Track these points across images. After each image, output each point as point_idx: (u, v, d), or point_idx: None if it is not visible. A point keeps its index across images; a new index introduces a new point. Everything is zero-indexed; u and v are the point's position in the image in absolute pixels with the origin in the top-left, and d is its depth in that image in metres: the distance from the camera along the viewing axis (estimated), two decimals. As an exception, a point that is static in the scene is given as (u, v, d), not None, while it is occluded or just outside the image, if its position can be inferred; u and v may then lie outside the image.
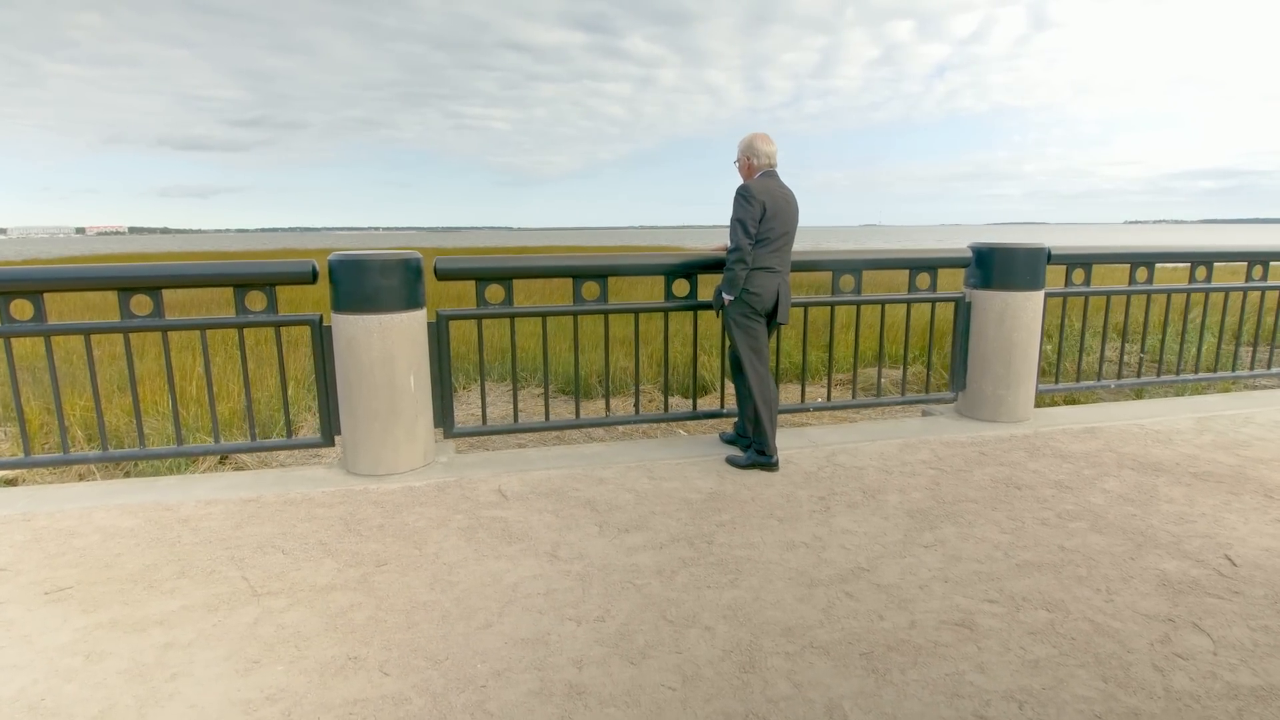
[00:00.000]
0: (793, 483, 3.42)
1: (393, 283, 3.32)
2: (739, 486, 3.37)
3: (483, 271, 3.59)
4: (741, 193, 3.36)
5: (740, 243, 3.32)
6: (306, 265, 3.40)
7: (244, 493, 3.30)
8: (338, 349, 3.39)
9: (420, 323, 3.48)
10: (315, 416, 4.31)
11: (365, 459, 3.45)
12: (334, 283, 3.32)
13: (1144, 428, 4.29)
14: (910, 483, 3.41)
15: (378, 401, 3.38)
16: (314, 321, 3.46)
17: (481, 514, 3.06)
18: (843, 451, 3.87)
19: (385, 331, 3.33)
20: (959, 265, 4.28)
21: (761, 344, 3.50)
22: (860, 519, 3.02)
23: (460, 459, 3.73)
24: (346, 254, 3.30)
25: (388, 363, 3.36)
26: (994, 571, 2.58)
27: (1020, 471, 3.55)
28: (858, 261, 4.06)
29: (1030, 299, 4.20)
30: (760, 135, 3.47)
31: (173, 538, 2.86)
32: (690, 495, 3.27)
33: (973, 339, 4.33)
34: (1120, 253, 4.54)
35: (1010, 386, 4.27)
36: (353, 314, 3.31)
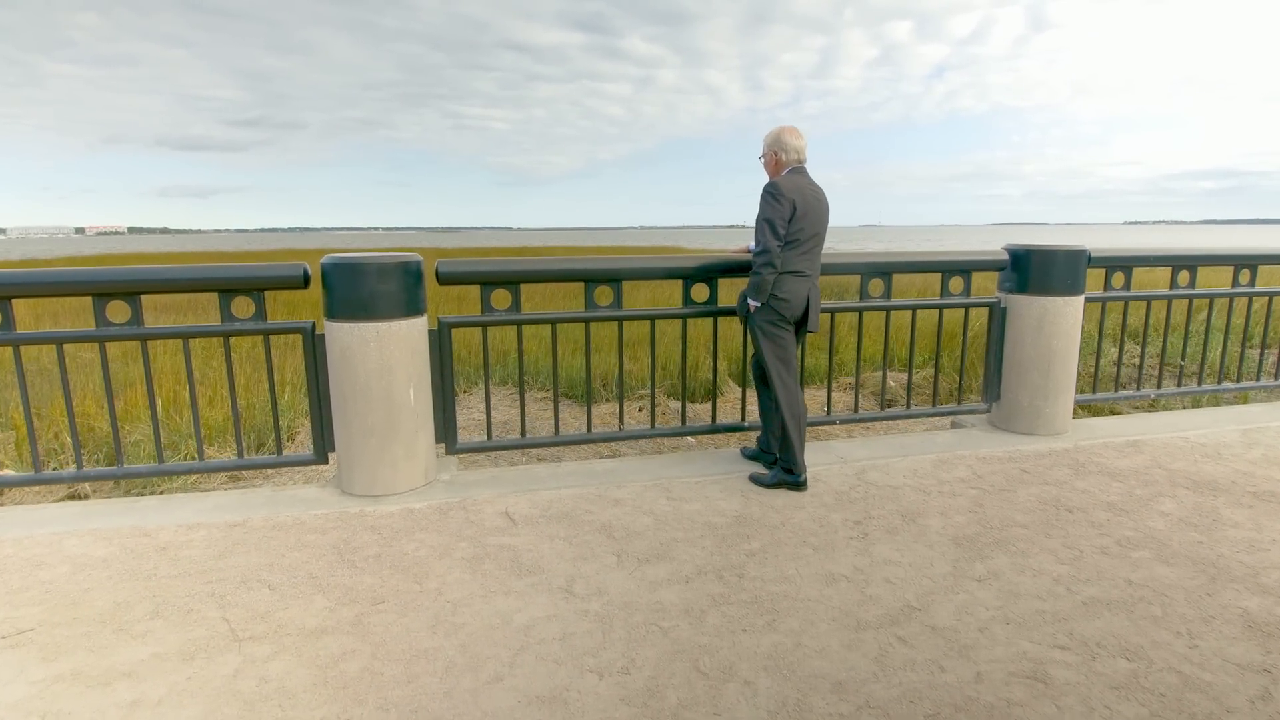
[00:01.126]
0: (824, 504, 3.16)
1: (391, 288, 3.06)
2: (766, 509, 3.11)
3: (488, 276, 3.33)
4: (769, 190, 3.10)
5: (768, 244, 3.06)
6: (297, 269, 3.14)
7: (230, 515, 3.04)
8: (331, 359, 3.13)
9: (421, 331, 3.22)
10: (310, 425, 4.04)
11: (361, 478, 3.19)
12: (327, 288, 3.06)
13: (1189, 441, 4.03)
14: (951, 504, 3.15)
15: (374, 416, 3.12)
16: (306, 329, 3.20)
17: (487, 541, 2.79)
18: (873, 468, 3.61)
19: (383, 341, 3.07)
20: (994, 268, 4.02)
21: (790, 354, 3.24)
22: (902, 547, 2.76)
23: (463, 477, 3.47)
24: (341, 256, 3.04)
25: (386, 374, 3.10)
26: (1059, 611, 2.32)
27: (1068, 491, 3.29)
28: (889, 265, 3.80)
29: (1070, 304, 3.94)
30: (789, 128, 3.21)
31: (149, 569, 2.60)
32: (714, 519, 3.01)
33: (1008, 347, 4.07)
34: (1162, 255, 4.28)
35: (1048, 397, 4.02)
36: (348, 322, 3.05)
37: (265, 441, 5.19)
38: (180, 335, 3.17)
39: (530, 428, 4.47)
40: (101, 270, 3.02)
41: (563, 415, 5.76)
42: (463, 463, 4.15)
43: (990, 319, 4.08)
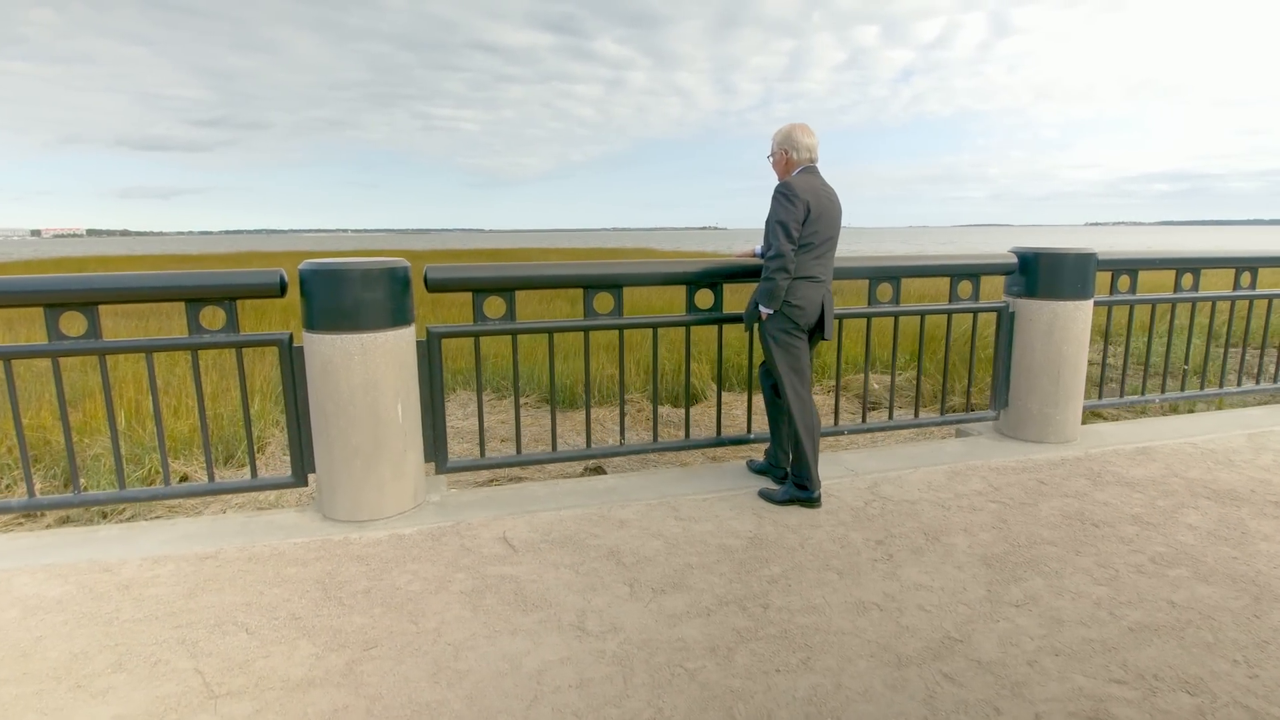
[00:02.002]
0: (841, 522, 3.00)
1: (377, 296, 2.83)
2: (782, 529, 2.94)
3: (481, 282, 3.11)
4: (782, 191, 2.93)
5: (782, 248, 2.89)
6: (273, 276, 2.89)
7: (200, 546, 2.78)
8: (311, 374, 2.88)
9: (409, 342, 2.99)
10: (287, 441, 3.79)
11: (344, 502, 2.94)
12: (306, 296, 2.82)
13: (1198, 447, 3.96)
14: (973, 520, 3.01)
15: (359, 435, 2.87)
16: (282, 341, 2.95)
17: (487, 571, 2.57)
18: (886, 481, 3.46)
19: (368, 354, 2.83)
20: (1002, 272, 3.90)
21: (804, 364, 3.07)
22: (931, 569, 2.60)
23: (455, 498, 3.24)
24: (321, 262, 2.79)
25: (371, 390, 2.86)
26: (1107, 639, 2.18)
27: (1090, 504, 3.17)
28: (897, 269, 3.66)
29: (1080, 309, 3.84)
30: (800, 126, 3.05)
31: (110, 612, 2.34)
32: (728, 541, 2.82)
33: (1017, 352, 3.96)
34: (1168, 258, 4.21)
35: (1058, 404, 3.91)
36: (329, 333, 2.80)
37: (235, 452, 4.90)
38: (143, 349, 2.90)
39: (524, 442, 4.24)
40: (54, 279, 2.74)
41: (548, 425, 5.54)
42: (452, 481, 3.91)
43: (998, 324, 3.97)
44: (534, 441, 5.00)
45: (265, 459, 4.88)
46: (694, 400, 6.89)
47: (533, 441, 4.99)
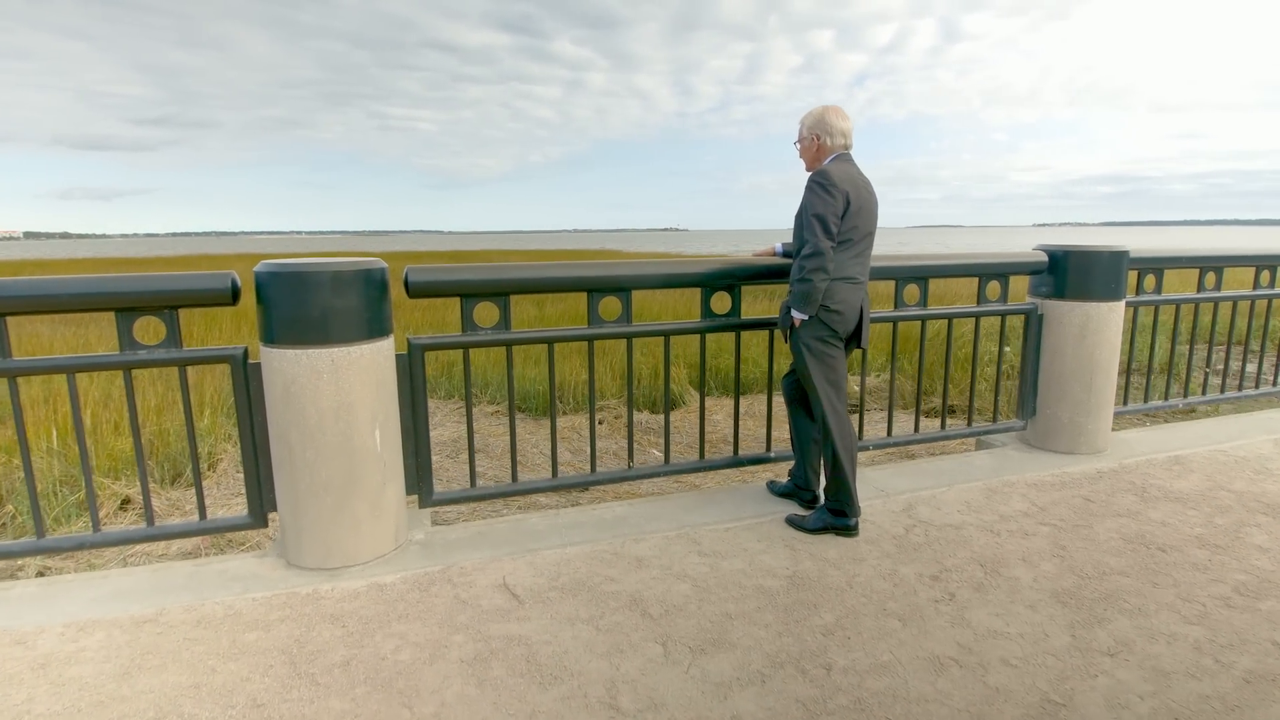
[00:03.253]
0: (885, 553, 2.67)
1: (349, 303, 2.39)
2: (822, 564, 2.59)
3: (472, 286, 2.69)
4: (819, 181, 2.58)
5: (820, 245, 2.54)
6: (223, 280, 2.43)
7: (138, 606, 2.30)
8: (271, 396, 2.43)
9: (387, 357, 2.55)
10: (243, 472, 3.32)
11: (313, 547, 2.49)
12: (264, 304, 2.37)
13: (1229, 455, 3.75)
14: (1029, 548, 2.71)
15: (330, 467, 2.43)
16: (236, 358, 2.49)
17: (490, 631, 2.16)
18: (921, 502, 3.14)
19: (340, 371, 2.39)
20: (1030, 271, 3.63)
21: (841, 375, 2.73)
22: (1000, 610, 2.28)
23: (442, 536, 2.81)
24: (282, 264, 2.35)
25: (344, 414, 2.42)
26: (1224, 694, 1.88)
27: (1147, 525, 2.90)
28: (927, 268, 3.35)
29: (1114, 310, 3.59)
30: (833, 108, 2.71)
31: (20, 704, 1.86)
32: (765, 581, 2.46)
33: (1046, 357, 3.69)
34: (1195, 256, 4.01)
35: (1090, 413, 3.66)
36: (292, 347, 2.36)
37: (184, 470, 4.38)
38: (63, 369, 2.41)
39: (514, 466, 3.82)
40: (-53, 285, 2.23)
41: (534, 439, 5.13)
42: (436, 515, 3.47)
43: (1026, 327, 3.70)
44: (524, 465, 4.58)
45: (216, 478, 4.38)
46: (673, 407, 6.56)
47: (525, 466, 4.58)
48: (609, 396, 6.95)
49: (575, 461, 4.70)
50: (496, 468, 4.69)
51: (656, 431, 5.60)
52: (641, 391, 6.72)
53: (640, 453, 5.25)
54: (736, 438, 3.27)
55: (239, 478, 4.56)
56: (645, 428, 5.73)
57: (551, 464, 2.97)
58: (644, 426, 5.70)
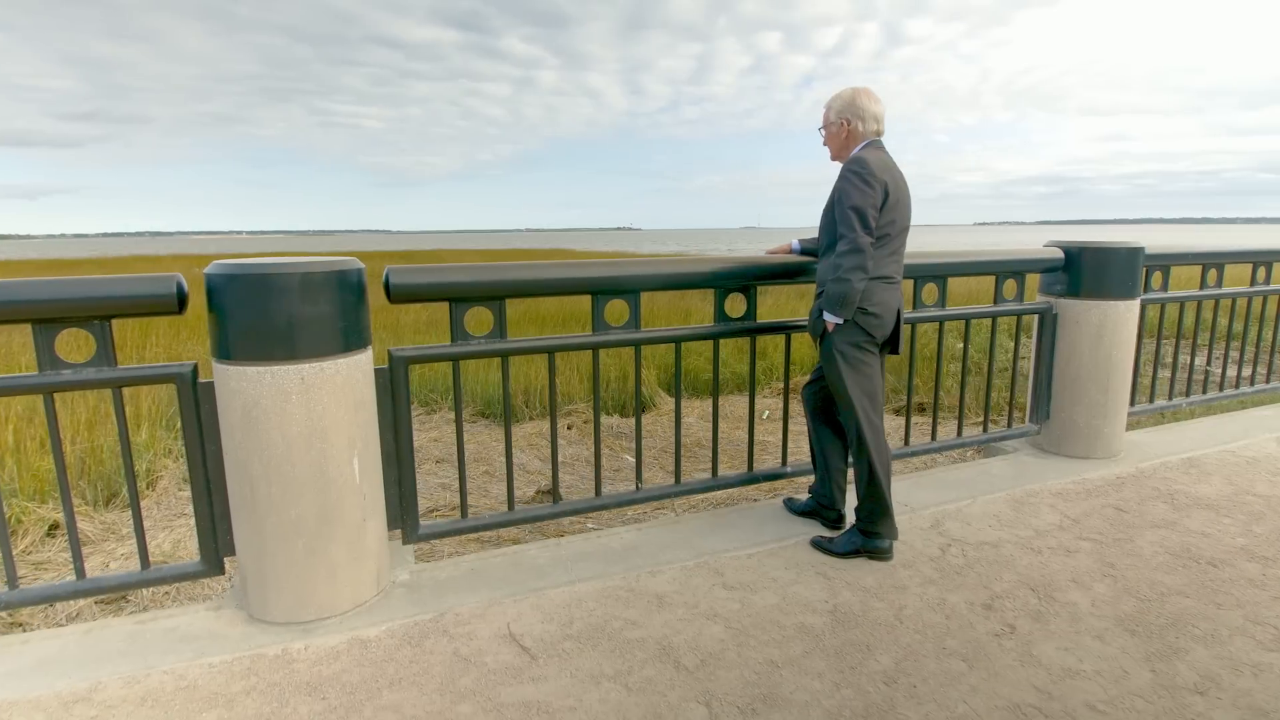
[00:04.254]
0: (926, 578, 2.43)
1: (322, 309, 2.03)
2: (863, 595, 2.33)
3: (463, 289, 2.35)
4: (855, 170, 2.33)
5: (860, 241, 2.28)
6: (166, 284, 2.03)
7: (65, 680, 1.90)
8: (228, 422, 2.05)
9: (365, 372, 2.19)
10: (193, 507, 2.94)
11: (282, 597, 2.12)
12: (219, 312, 1.98)
13: (1238, 455, 3.66)
14: (1075, 567, 2.51)
15: (301, 504, 2.06)
16: (183, 377, 2.09)
17: (502, 696, 1.83)
18: (947, 516, 2.93)
19: (312, 391, 2.03)
20: (1046, 269, 3.47)
21: (877, 385, 2.48)
22: (1068, 643, 2.06)
23: (430, 575, 2.45)
24: (239, 264, 1.97)
25: (317, 440, 2.05)
26: (1338, 740, 1.69)
27: (1187, 536, 2.74)
28: (945, 266, 3.14)
29: (1131, 309, 3.45)
30: (864, 90, 2.46)
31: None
32: (805, 619, 2.19)
33: (1060, 359, 3.53)
34: (1199, 252, 3.92)
35: (1107, 416, 3.51)
36: (254, 364, 1.98)
37: (119, 492, 3.91)
38: (-35, 394, 1.98)
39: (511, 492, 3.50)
40: None
41: (499, 448, 4.78)
42: (421, 551, 3.09)
43: (1040, 327, 3.53)
44: (492, 476, 4.22)
45: (156, 496, 3.92)
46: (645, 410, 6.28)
47: (496, 477, 4.22)
48: (575, 400, 6.64)
49: (556, 476, 4.37)
50: (470, 485, 4.33)
51: (627, 436, 5.32)
52: (610, 394, 6.41)
53: (614, 458, 4.95)
54: (751, 453, 3.00)
55: (182, 496, 4.12)
56: (616, 432, 5.44)
57: (552, 487, 2.64)
58: (614, 431, 5.41)
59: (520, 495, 4.32)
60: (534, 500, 4.16)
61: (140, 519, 2.17)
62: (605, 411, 5.96)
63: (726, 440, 5.11)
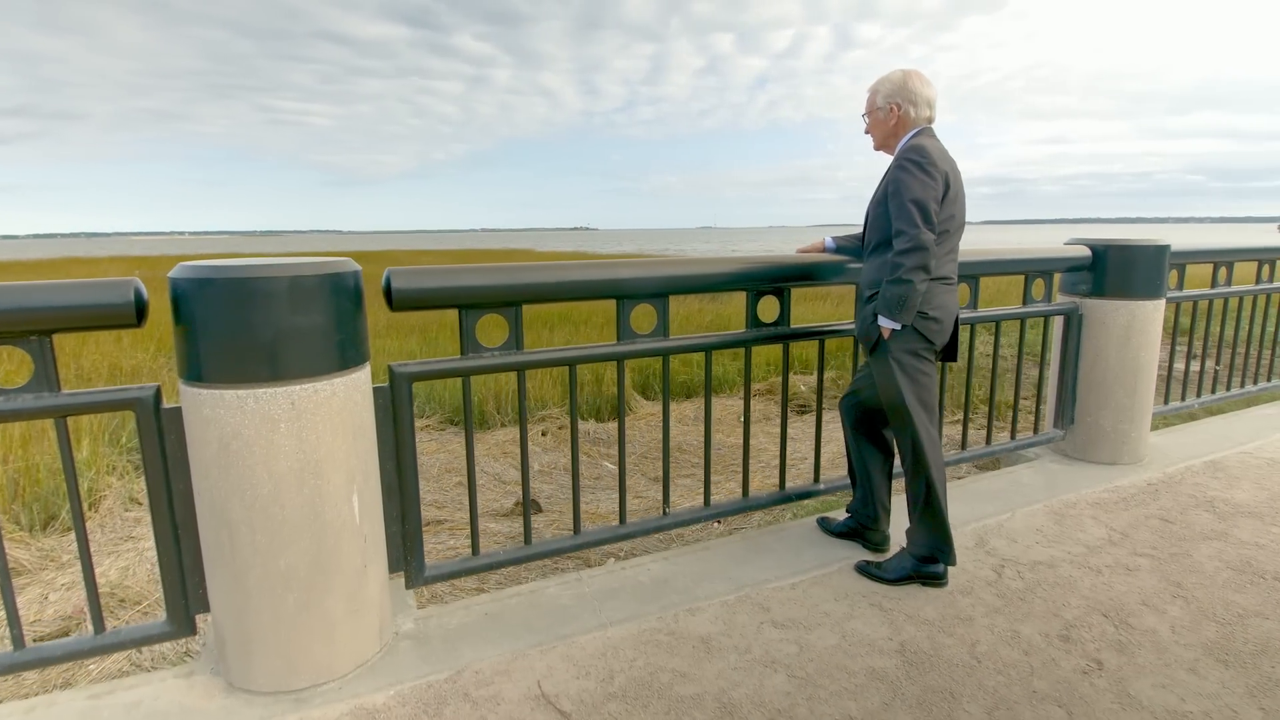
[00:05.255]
0: (990, 607, 2.22)
1: (316, 319, 1.70)
2: (927, 628, 2.11)
3: (475, 294, 2.04)
4: (914, 159, 2.10)
5: (923, 238, 2.05)
6: (121, 291, 1.68)
7: (-5, 780, 1.54)
8: (202, 456, 1.70)
9: (364, 392, 1.87)
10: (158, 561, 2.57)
11: (269, 662, 1.78)
12: (188, 325, 1.64)
13: (1257, 457, 3.58)
14: (1141, 587, 2.33)
15: (293, 552, 1.73)
16: (143, 402, 1.74)
17: (547, 779, 1.54)
18: (990, 532, 2.74)
19: (305, 417, 1.70)
20: (1073, 267, 3.32)
21: (934, 396, 2.26)
22: (1164, 681, 1.87)
23: (438, 622, 2.14)
24: (214, 266, 1.63)
25: (311, 476, 1.73)
26: None
27: (1242, 548, 2.60)
28: (976, 264, 2.95)
29: (1157, 309, 3.33)
30: (915, 73, 2.24)
31: None
32: (874, 661, 1.95)
33: (1086, 361, 3.39)
34: (1210, 250, 3.84)
35: (1134, 420, 3.38)
36: (233, 386, 1.65)
37: (58, 514, 3.50)
38: None
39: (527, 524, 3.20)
40: None
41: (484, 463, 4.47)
42: (421, 597, 2.75)
43: (1066, 328, 3.38)
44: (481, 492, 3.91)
45: (100, 519, 3.53)
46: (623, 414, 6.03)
47: (482, 492, 3.91)
48: (549, 404, 6.32)
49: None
50: (444, 498, 4.01)
51: (604, 442, 5.06)
52: (584, 399, 6.11)
53: (593, 465, 4.68)
54: (783, 470, 2.76)
55: (129, 517, 3.70)
56: (592, 438, 5.17)
57: (573, 516, 2.35)
58: (590, 437, 5.14)
59: (499, 508, 4.01)
60: (513, 512, 3.86)
61: (92, 574, 1.80)
62: (580, 416, 5.69)
63: (720, 447, 4.89)
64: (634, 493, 4.22)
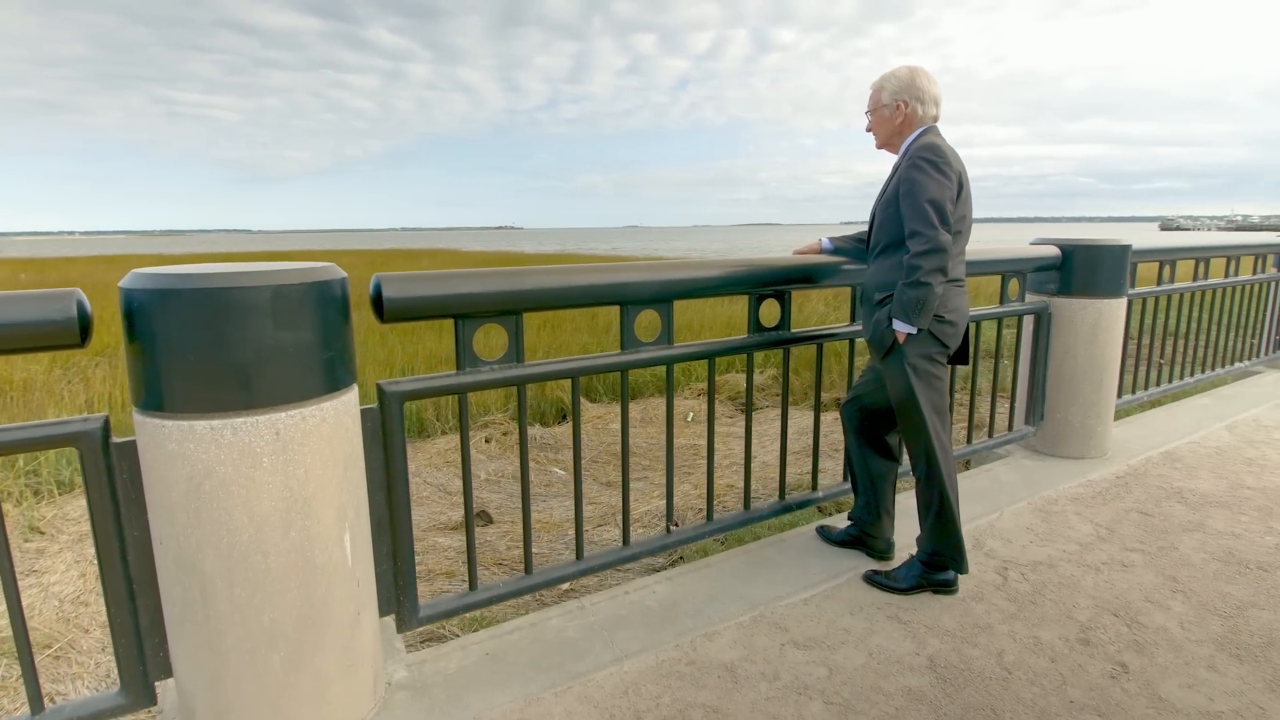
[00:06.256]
0: (1004, 613, 2.19)
1: (303, 334, 1.47)
2: (951, 640, 2.05)
3: (472, 302, 1.84)
4: (930, 159, 2.04)
5: (940, 239, 1.99)
6: (61, 305, 1.40)
7: None
8: (164, 499, 1.45)
9: (354, 415, 1.65)
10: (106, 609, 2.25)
11: (249, 731, 1.54)
12: (143, 342, 1.39)
13: (1205, 447, 3.76)
14: (1141, 583, 2.36)
15: (278, 606, 1.50)
16: (89, 436, 1.46)
17: (594, 847, 1.38)
18: (983, 533, 2.74)
19: (290, 449, 1.47)
20: (1044, 267, 3.38)
21: (946, 401, 2.21)
22: (1188, 680, 1.87)
23: (434, 666, 1.92)
24: (179, 275, 1.38)
25: (298, 516, 1.50)
26: None
27: (1221, 538, 2.69)
28: (963, 265, 2.94)
29: (1120, 307, 3.44)
30: (921, 71, 2.18)
31: None
32: (907, 680, 1.88)
33: (1055, 358, 3.47)
34: (1155, 249, 4.01)
35: (1100, 415, 3.48)
36: (205, 416, 1.40)
37: None
38: None
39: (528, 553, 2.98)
40: None
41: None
42: (410, 639, 2.50)
43: (1036, 327, 3.44)
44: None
45: None
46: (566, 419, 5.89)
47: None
48: (492, 410, 6.10)
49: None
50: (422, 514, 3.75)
51: (552, 448, 4.91)
52: (530, 403, 5.92)
53: (541, 472, 4.50)
54: (783, 480, 2.67)
55: (29, 547, 3.29)
56: (539, 443, 4.99)
57: (576, 540, 2.17)
58: (537, 443, 4.98)
59: (446, 520, 3.78)
60: (461, 525, 3.64)
61: (27, 642, 1.50)
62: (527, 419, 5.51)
63: (645, 444, 4.82)
64: (588, 499, 4.08)
